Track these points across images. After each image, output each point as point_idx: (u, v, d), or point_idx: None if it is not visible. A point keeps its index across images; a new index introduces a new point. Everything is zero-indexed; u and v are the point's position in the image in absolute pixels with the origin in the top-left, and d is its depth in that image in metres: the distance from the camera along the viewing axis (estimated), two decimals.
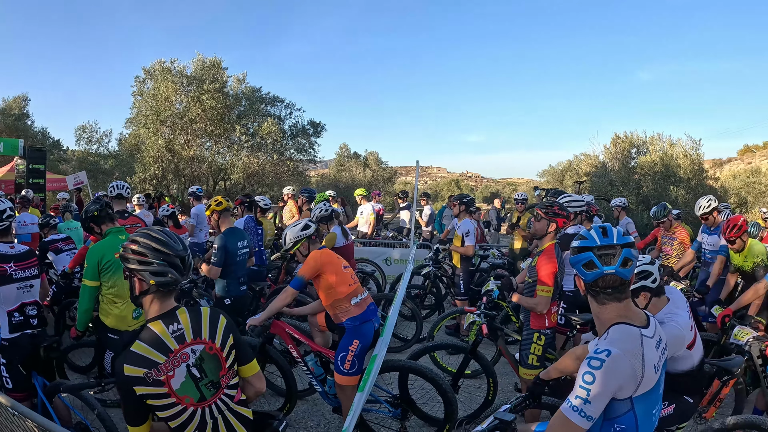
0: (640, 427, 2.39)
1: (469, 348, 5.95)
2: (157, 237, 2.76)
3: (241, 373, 2.99)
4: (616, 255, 2.44)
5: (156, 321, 2.69)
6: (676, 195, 20.01)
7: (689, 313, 4.15)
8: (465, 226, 8.79)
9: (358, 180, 34.52)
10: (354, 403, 4.09)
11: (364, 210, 13.86)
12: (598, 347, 2.36)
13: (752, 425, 4.51)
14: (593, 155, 24.92)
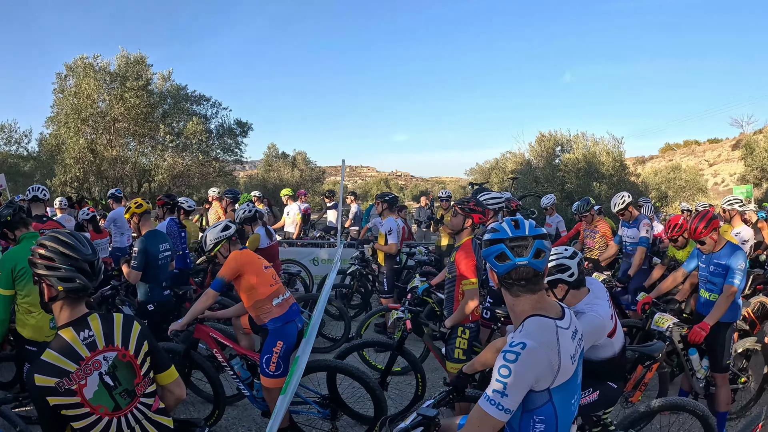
0: (559, 417, 2.41)
1: (395, 345, 5.99)
2: (65, 241, 2.66)
3: (158, 380, 2.92)
4: (528, 246, 2.44)
5: (66, 328, 2.60)
6: (599, 191, 20.61)
7: (609, 303, 4.24)
8: (388, 224, 8.85)
9: (286, 180, 34.18)
10: (276, 406, 4.05)
11: (291, 210, 13.76)
12: (513, 340, 2.37)
13: (676, 406, 4.72)
14: (519, 153, 25.54)
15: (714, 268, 5.65)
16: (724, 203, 8.93)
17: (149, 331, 2.90)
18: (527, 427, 2.42)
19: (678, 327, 5.60)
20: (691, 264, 6.08)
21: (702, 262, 5.84)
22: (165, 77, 24.27)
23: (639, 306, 6.20)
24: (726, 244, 5.67)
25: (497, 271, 2.50)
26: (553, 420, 2.40)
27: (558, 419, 2.41)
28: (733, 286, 5.40)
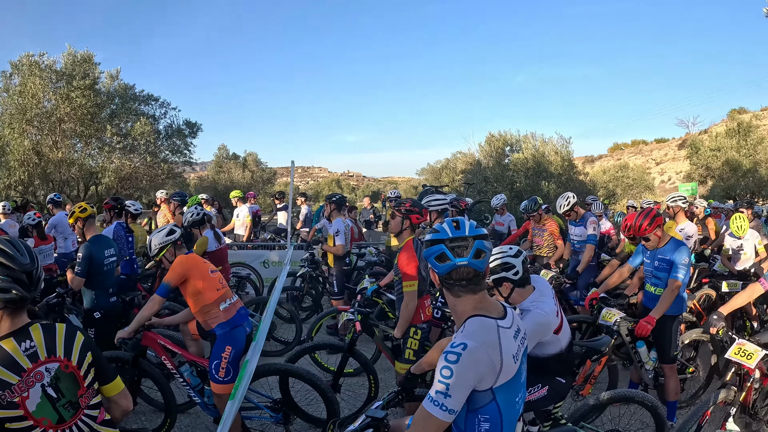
0: (503, 415, 2.43)
1: (346, 346, 5.98)
2: (1, 249, 2.57)
3: (104, 392, 2.85)
4: (469, 246, 2.45)
5: (7, 339, 2.51)
6: (547, 189, 20.90)
7: (555, 300, 4.31)
8: (336, 225, 8.85)
9: (237, 182, 33.65)
10: (225, 412, 4.02)
11: (240, 212, 13.62)
12: (454, 341, 2.38)
13: (625, 398, 4.84)
14: (469, 153, 25.70)
15: (659, 263, 5.82)
16: (668, 200, 9.18)
17: (93, 342, 2.83)
18: (472, 426, 2.43)
19: (625, 321, 5.76)
20: (636, 259, 6.26)
21: (647, 258, 6.01)
22: (113, 76, 23.38)
23: (587, 302, 6.36)
24: (670, 240, 5.84)
25: (438, 272, 2.52)
26: (497, 418, 2.42)
27: (502, 418, 2.43)
28: (677, 281, 5.56)
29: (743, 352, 4.78)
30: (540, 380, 4.33)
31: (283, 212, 14.65)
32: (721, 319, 5.10)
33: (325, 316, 7.86)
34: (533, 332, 3.99)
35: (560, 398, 4.46)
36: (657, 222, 5.74)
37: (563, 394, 4.47)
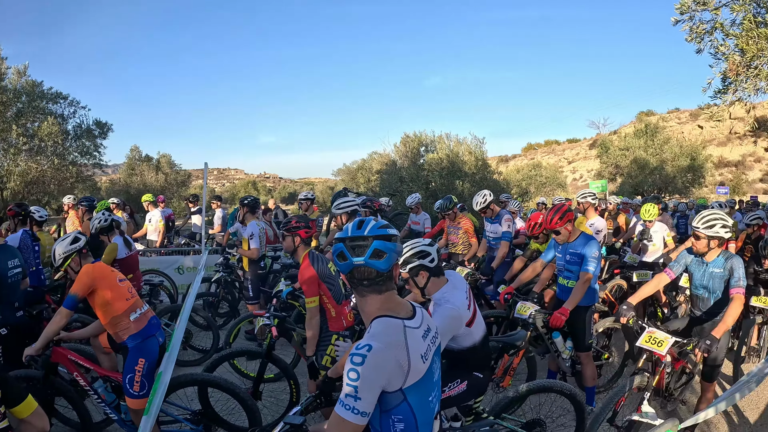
0: (417, 415, 2.43)
1: (264, 352, 5.87)
2: None
3: (15, 414, 2.69)
4: (367, 246, 2.46)
5: None
6: (462, 188, 21.14)
7: (468, 294, 4.37)
8: (250, 228, 8.75)
9: (150, 185, 32.53)
10: (140, 429, 3.89)
11: (153, 217, 13.24)
12: (359, 342, 2.36)
13: (543, 388, 4.97)
14: (385, 154, 25.73)
15: (570, 257, 6.06)
16: (578, 197, 9.46)
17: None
18: (387, 426, 2.42)
19: (540, 313, 5.93)
20: (548, 254, 6.46)
21: (559, 252, 6.23)
22: (20, 72, 22.00)
23: (501, 296, 6.51)
24: (580, 234, 6.09)
25: (341, 271, 2.53)
26: (411, 419, 2.41)
27: (416, 417, 2.43)
28: (588, 273, 5.80)
29: (653, 339, 5.02)
30: (458, 376, 4.41)
31: (198, 215, 14.29)
32: (630, 309, 5.35)
33: (241, 322, 7.72)
34: (446, 327, 4.06)
35: (480, 393, 4.54)
36: (568, 217, 5.97)
37: (482, 388, 4.55)
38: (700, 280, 5.55)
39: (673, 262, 5.74)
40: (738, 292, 5.11)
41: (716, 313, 5.41)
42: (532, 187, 37.11)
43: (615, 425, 4.92)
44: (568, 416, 5.45)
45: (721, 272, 5.34)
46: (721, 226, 5.26)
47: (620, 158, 36.95)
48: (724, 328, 4.98)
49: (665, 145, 36.47)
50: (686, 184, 35.44)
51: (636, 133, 38.56)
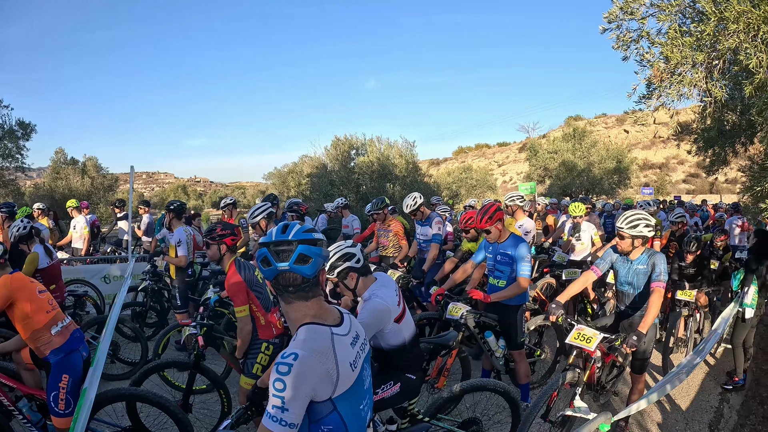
0: (348, 425, 2.37)
1: (192, 363, 5.68)
2: None
3: None
4: (291, 251, 2.38)
5: None
6: (392, 192, 21.23)
7: (398, 292, 4.37)
8: (177, 235, 8.43)
9: (76, 189, 31.19)
10: None
11: (77, 223, 12.70)
12: (285, 351, 2.28)
13: (477, 388, 5.01)
14: (315, 157, 25.49)
15: (500, 258, 6.13)
16: (506, 199, 9.59)
17: None
18: None
19: (471, 314, 5.97)
20: (479, 255, 6.51)
21: (489, 253, 6.30)
22: None
23: (433, 298, 6.50)
24: (510, 235, 6.18)
25: (265, 276, 2.44)
26: (342, 428, 2.35)
27: (347, 427, 2.37)
28: (525, 278, 5.92)
29: (582, 336, 5.13)
30: (391, 377, 4.39)
31: (124, 221, 13.83)
32: (559, 307, 5.46)
33: (169, 332, 7.44)
34: (374, 319, 4.06)
35: (413, 394, 4.53)
36: (497, 216, 6.05)
37: (416, 389, 4.54)
38: (625, 277, 5.72)
39: (599, 260, 5.90)
40: (658, 285, 5.28)
41: (641, 307, 5.59)
42: (462, 189, 37.69)
43: (549, 420, 4.99)
44: (504, 413, 5.50)
45: (644, 269, 5.52)
46: (644, 225, 5.44)
47: (549, 161, 37.89)
48: (649, 322, 5.13)
49: (592, 148, 37.73)
50: (613, 185, 36.61)
51: (564, 137, 39.68)
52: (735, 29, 5.12)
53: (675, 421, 6.41)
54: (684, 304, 8.18)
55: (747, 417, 6.60)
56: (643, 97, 6.09)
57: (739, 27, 5.08)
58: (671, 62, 5.58)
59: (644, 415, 6.43)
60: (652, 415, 6.51)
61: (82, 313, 9.13)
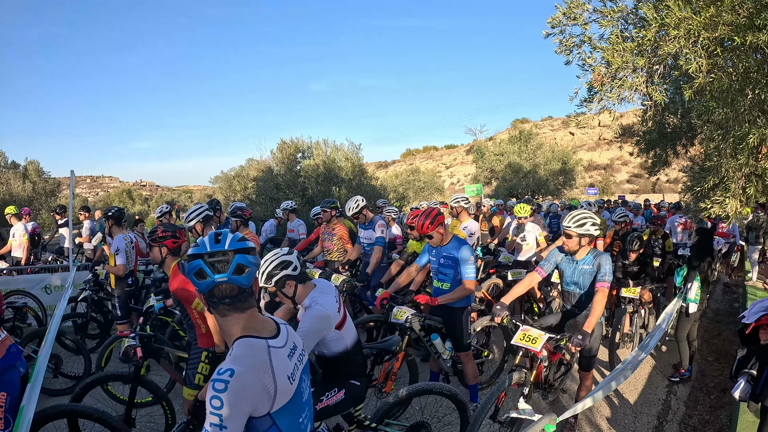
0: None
1: (132, 375, 5.52)
2: None
3: None
4: (229, 262, 2.31)
5: None
6: (338, 195, 21.16)
7: (337, 297, 4.33)
8: (116, 242, 8.08)
9: (17, 195, 30.21)
10: None
11: (16, 231, 12.19)
12: (221, 367, 2.20)
13: (422, 391, 4.99)
14: (261, 160, 25.27)
15: (444, 260, 6.15)
16: (451, 201, 9.64)
17: None
18: None
19: (416, 317, 5.99)
20: (423, 259, 6.51)
21: (432, 256, 6.31)
22: None
23: (378, 302, 6.48)
24: (453, 238, 6.20)
25: (199, 290, 2.33)
26: None
27: None
28: (471, 281, 5.94)
29: (528, 337, 5.17)
30: (335, 385, 4.37)
31: (66, 228, 13.43)
32: (504, 309, 5.49)
33: (111, 344, 7.15)
34: (315, 327, 4.02)
35: (359, 400, 4.52)
36: (438, 220, 6.05)
37: (360, 395, 4.52)
38: (570, 277, 5.80)
39: (544, 261, 5.98)
40: (602, 285, 5.38)
41: (586, 306, 5.68)
42: (410, 192, 37.88)
43: (498, 421, 5.00)
44: (453, 415, 5.49)
45: (590, 269, 5.61)
46: (591, 224, 5.55)
47: (495, 163, 38.48)
48: (593, 322, 5.22)
49: (538, 150, 38.54)
50: (558, 186, 37.36)
51: (510, 139, 40.39)
52: (676, 35, 5.23)
53: (624, 415, 6.54)
54: (629, 301, 8.40)
55: (694, 407, 6.80)
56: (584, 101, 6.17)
57: (680, 33, 5.20)
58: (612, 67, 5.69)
59: (593, 410, 6.55)
60: (602, 410, 6.63)
61: (22, 326, 8.84)
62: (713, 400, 6.95)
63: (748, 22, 5.01)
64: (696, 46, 5.25)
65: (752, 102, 5.44)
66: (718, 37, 5.12)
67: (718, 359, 8.50)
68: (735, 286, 14.85)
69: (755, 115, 5.49)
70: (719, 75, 5.43)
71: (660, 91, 5.85)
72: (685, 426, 6.31)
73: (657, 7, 5.36)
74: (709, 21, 5.05)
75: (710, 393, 7.18)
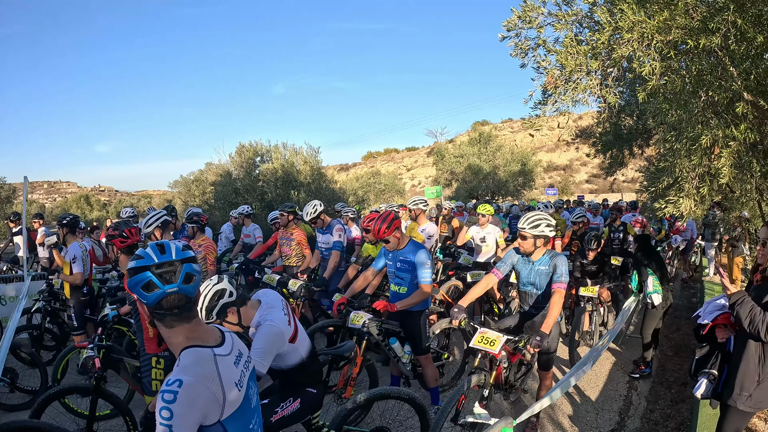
0: None
1: (91, 388, 5.39)
2: None
3: None
4: (177, 271, 2.28)
5: None
6: (297, 199, 21.06)
7: (286, 309, 4.28)
8: (72, 251, 7.85)
9: None
10: None
11: None
12: (169, 378, 2.18)
13: (380, 396, 4.99)
14: (220, 165, 25.01)
15: (401, 264, 6.15)
16: (410, 203, 9.67)
17: None
18: None
19: (373, 321, 5.96)
20: (379, 263, 6.49)
21: (389, 260, 6.30)
22: None
23: (335, 307, 6.45)
24: (409, 241, 6.20)
25: (146, 302, 2.27)
26: None
27: None
28: (427, 284, 5.92)
29: (486, 339, 5.18)
30: (290, 394, 4.34)
31: (20, 236, 13.04)
32: (462, 311, 5.49)
33: (66, 356, 6.94)
34: (270, 345, 3.96)
35: (316, 408, 4.50)
36: (395, 225, 6.04)
37: (318, 403, 4.51)
38: (527, 278, 5.86)
39: (500, 262, 6.01)
40: (559, 286, 5.43)
41: (544, 307, 5.73)
42: (371, 194, 37.85)
43: (459, 424, 5.01)
44: (415, 418, 5.48)
45: (546, 269, 5.67)
46: (546, 225, 5.60)
47: (455, 165, 38.73)
48: (551, 323, 5.24)
49: (498, 152, 38.92)
50: (518, 187, 37.66)
51: (470, 141, 40.65)
52: (629, 38, 5.29)
53: (586, 412, 6.62)
54: (588, 300, 8.51)
55: (656, 402, 6.91)
56: (538, 103, 6.22)
57: (634, 36, 5.26)
58: (566, 69, 5.74)
59: (555, 409, 6.61)
60: (564, 408, 6.70)
61: None
62: (674, 394, 7.08)
63: (702, 25, 5.10)
64: (649, 49, 5.32)
65: (705, 104, 5.53)
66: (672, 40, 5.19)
67: (677, 354, 8.67)
68: (693, 281, 15.25)
69: (708, 117, 5.58)
70: (672, 77, 5.51)
71: (614, 94, 5.92)
72: (647, 421, 6.40)
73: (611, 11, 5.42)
74: (663, 24, 5.12)
75: (671, 387, 7.32)
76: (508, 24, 6.15)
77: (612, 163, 15.98)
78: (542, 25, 6.01)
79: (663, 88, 5.73)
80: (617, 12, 5.36)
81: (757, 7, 4.96)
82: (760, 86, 5.56)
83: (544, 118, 6.51)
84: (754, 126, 5.53)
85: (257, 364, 3.75)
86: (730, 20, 4.96)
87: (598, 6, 5.79)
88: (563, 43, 5.89)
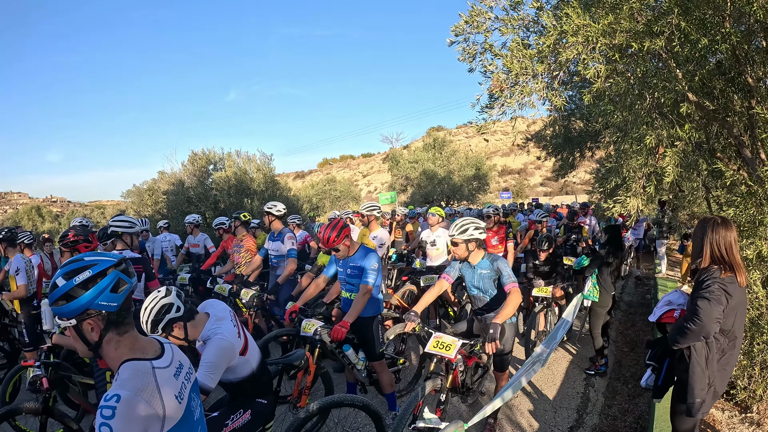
0: None
1: (41, 408, 5.18)
2: None
3: None
4: (131, 272, 2.27)
5: None
6: (251, 206, 20.90)
7: (235, 321, 4.18)
8: (15, 263, 7.52)
9: None
10: None
11: None
12: (107, 393, 2.12)
13: (333, 404, 4.95)
14: (172, 173, 24.64)
15: (351, 271, 6.08)
16: (363, 209, 9.65)
17: None
18: None
19: (325, 329, 5.87)
20: (330, 270, 6.43)
21: (340, 267, 6.24)
22: None
23: (287, 315, 6.39)
24: (359, 248, 6.14)
25: (116, 304, 2.24)
26: None
27: None
28: (368, 286, 5.84)
29: (441, 344, 5.19)
30: (240, 406, 4.26)
31: None
32: (416, 317, 5.50)
33: (15, 375, 6.67)
34: (220, 359, 3.86)
35: (268, 419, 4.43)
36: (344, 233, 5.99)
37: (269, 413, 4.44)
38: (471, 281, 5.90)
39: (449, 267, 6.05)
40: (512, 286, 5.45)
41: (495, 309, 5.75)
42: (327, 201, 37.79)
43: (417, 429, 5.00)
44: (372, 426, 5.46)
45: (488, 273, 5.71)
46: (474, 228, 5.65)
47: (410, 170, 38.94)
48: (504, 316, 5.23)
49: (452, 157, 39.18)
50: (472, 191, 37.94)
51: (425, 147, 40.86)
52: (574, 42, 5.36)
53: (544, 411, 6.65)
54: (541, 300, 8.61)
55: (613, 398, 7.00)
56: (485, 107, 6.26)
57: (579, 40, 5.33)
58: (512, 73, 5.79)
59: (513, 409, 6.64)
60: (521, 407, 6.73)
61: None
62: (631, 389, 7.18)
63: (646, 28, 5.20)
64: (594, 52, 5.40)
65: (651, 105, 5.64)
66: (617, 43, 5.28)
67: (633, 349, 8.81)
68: (646, 278, 15.53)
69: (653, 117, 5.69)
70: (617, 80, 5.61)
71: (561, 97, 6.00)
72: (605, 416, 6.48)
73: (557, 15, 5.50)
74: (608, 28, 5.21)
75: (627, 382, 7.43)
76: (456, 29, 6.19)
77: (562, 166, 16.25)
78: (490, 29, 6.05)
79: (608, 90, 5.83)
80: (563, 16, 5.44)
81: (701, 10, 5.08)
82: (705, 87, 5.71)
83: (499, 123, 6.59)
84: (699, 126, 5.66)
85: (206, 379, 3.67)
86: (675, 23, 5.08)
87: (544, 11, 5.87)
88: (510, 47, 5.95)
